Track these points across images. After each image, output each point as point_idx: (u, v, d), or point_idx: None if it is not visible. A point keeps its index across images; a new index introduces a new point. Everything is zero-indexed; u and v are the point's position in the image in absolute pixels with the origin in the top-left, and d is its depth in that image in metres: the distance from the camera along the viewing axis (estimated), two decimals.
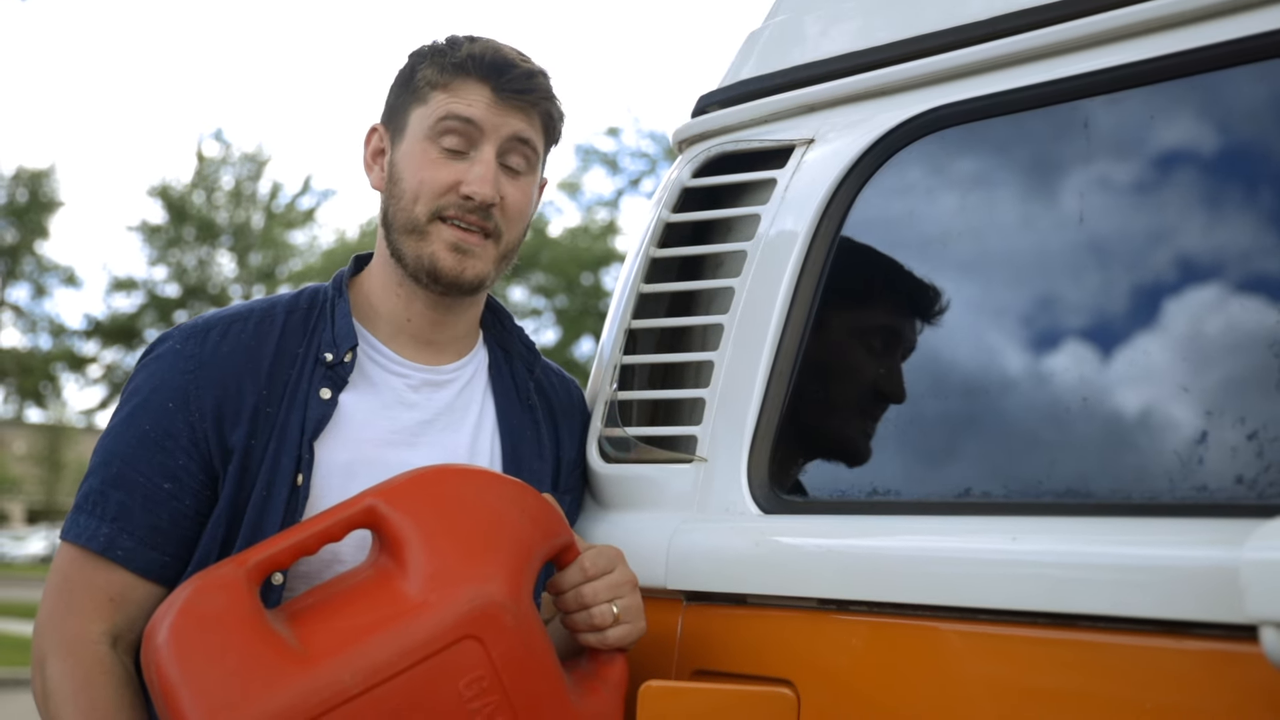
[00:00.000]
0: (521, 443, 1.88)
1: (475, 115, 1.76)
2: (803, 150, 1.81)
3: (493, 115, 1.76)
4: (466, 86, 1.77)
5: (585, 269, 25.37)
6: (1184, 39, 1.46)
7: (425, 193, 1.76)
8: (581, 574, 1.66)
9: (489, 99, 1.76)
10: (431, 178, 1.76)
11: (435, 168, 1.76)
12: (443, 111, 1.76)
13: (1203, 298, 1.40)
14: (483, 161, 1.76)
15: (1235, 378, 1.37)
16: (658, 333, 1.94)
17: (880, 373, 1.74)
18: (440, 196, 1.76)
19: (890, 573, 1.52)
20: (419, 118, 1.78)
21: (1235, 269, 1.40)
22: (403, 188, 1.78)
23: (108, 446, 1.73)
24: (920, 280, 1.70)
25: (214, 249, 29.98)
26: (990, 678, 1.42)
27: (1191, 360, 1.40)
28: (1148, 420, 1.42)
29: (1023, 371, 1.55)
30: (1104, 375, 1.46)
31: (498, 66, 1.77)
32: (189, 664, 1.48)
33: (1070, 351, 1.50)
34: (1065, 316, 1.52)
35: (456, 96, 1.76)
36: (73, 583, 1.70)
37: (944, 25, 1.70)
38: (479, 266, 1.78)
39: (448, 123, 1.76)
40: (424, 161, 1.77)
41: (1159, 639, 1.27)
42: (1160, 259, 1.46)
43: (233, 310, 1.81)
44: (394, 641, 1.51)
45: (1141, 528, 1.34)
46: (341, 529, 1.60)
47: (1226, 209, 1.42)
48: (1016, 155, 1.63)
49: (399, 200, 1.78)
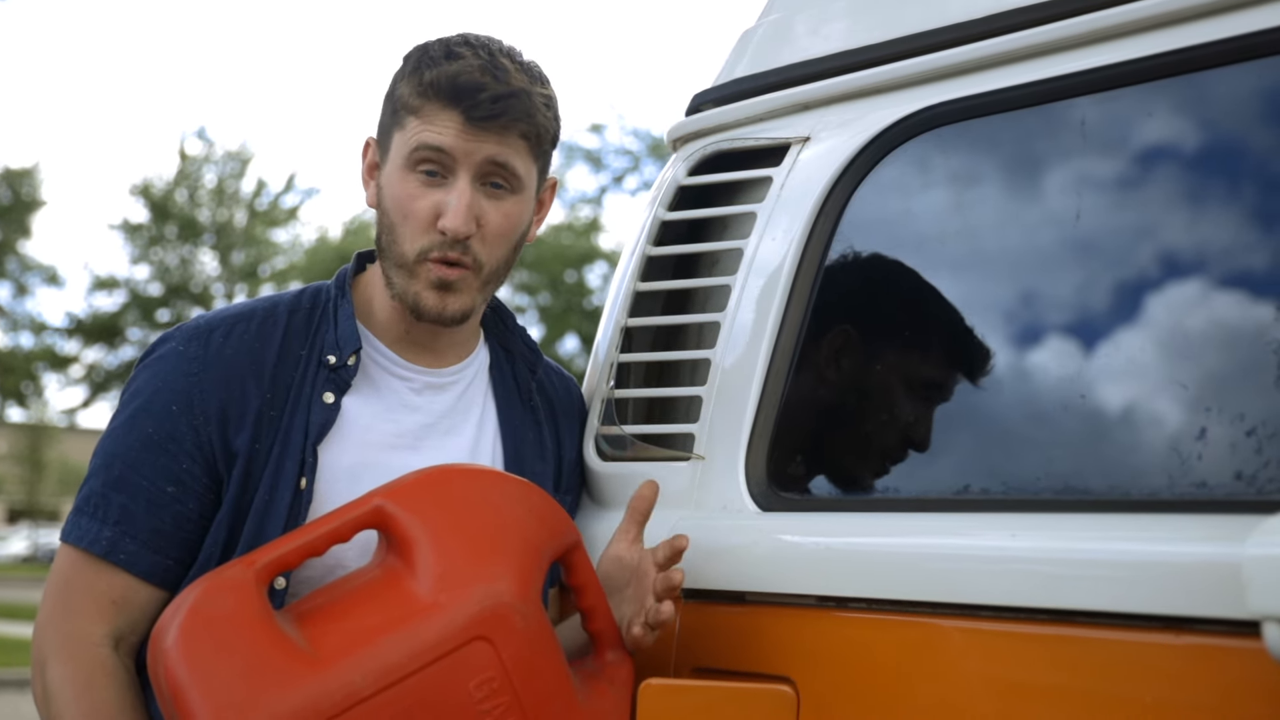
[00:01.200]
0: (523, 444, 1.88)
1: (446, 144, 1.70)
2: (798, 148, 1.82)
3: (464, 141, 1.69)
4: (436, 112, 1.70)
5: (569, 266, 25.36)
6: (1178, 37, 1.46)
7: (408, 231, 1.72)
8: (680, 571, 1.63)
9: (459, 125, 1.69)
10: (413, 211, 1.72)
11: (414, 199, 1.72)
12: (415, 141, 1.71)
13: (1201, 293, 1.41)
14: (457, 191, 1.70)
15: (1234, 373, 1.37)
16: (654, 330, 1.94)
17: (877, 370, 1.74)
18: (423, 235, 1.72)
19: (889, 569, 1.52)
20: (398, 143, 1.74)
21: (1233, 265, 1.40)
22: (391, 220, 1.74)
23: (109, 449, 1.72)
24: (916, 277, 1.70)
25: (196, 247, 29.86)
26: (990, 674, 1.42)
27: (1190, 356, 1.40)
28: (1147, 416, 1.43)
29: (1020, 368, 1.55)
30: (1101, 371, 1.46)
31: (465, 90, 1.69)
32: (198, 665, 1.48)
33: (1067, 348, 1.51)
34: (1061, 313, 1.53)
35: (427, 124, 1.70)
36: (73, 585, 1.69)
37: (939, 23, 1.70)
38: (461, 302, 1.75)
39: (421, 152, 1.71)
40: (404, 192, 1.72)
41: (1158, 634, 1.28)
42: (1156, 255, 1.47)
43: (234, 310, 1.79)
44: (404, 643, 1.51)
45: (1141, 524, 1.35)
46: (350, 529, 1.60)
47: (1222, 205, 1.43)
48: (1012, 153, 1.64)
49: (389, 232, 1.75)
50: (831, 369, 1.77)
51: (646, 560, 1.68)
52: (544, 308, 25.45)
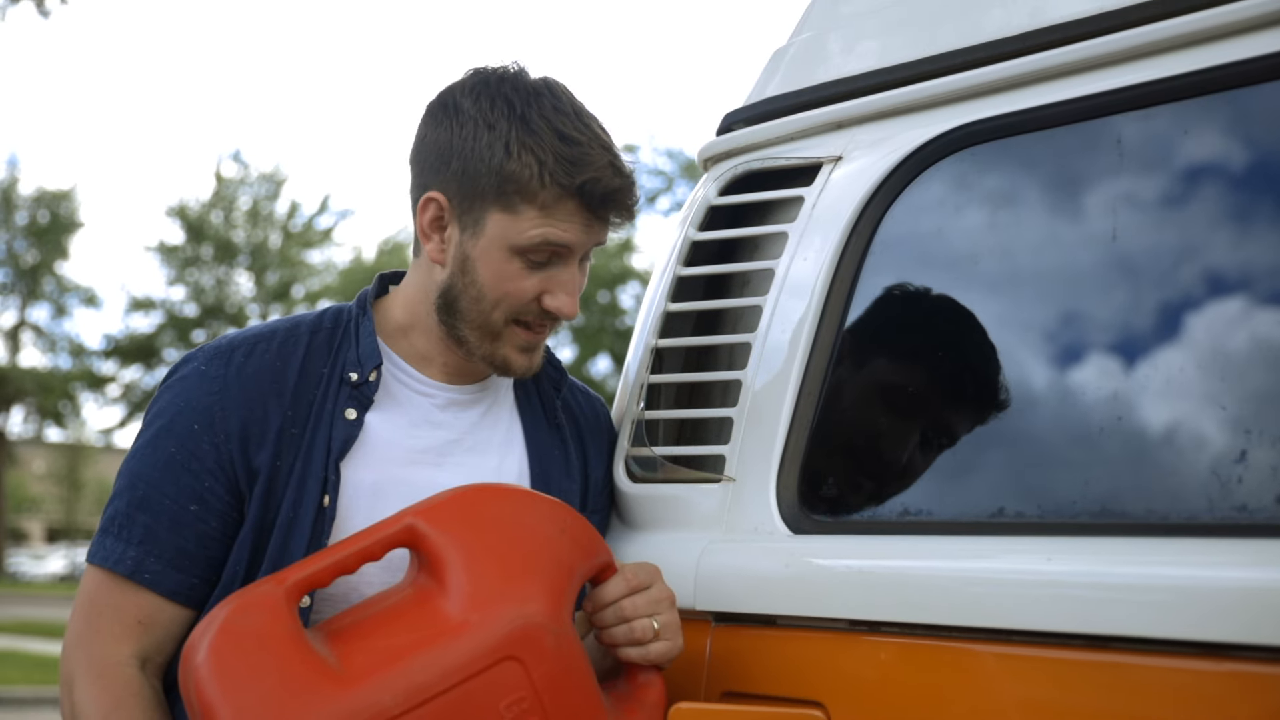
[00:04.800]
0: (550, 462, 1.87)
1: (571, 241, 1.70)
2: (830, 168, 1.80)
3: (588, 236, 1.71)
4: (566, 211, 1.69)
5: (602, 287, 25.44)
6: (1214, 54, 1.45)
7: (506, 305, 1.73)
8: (626, 586, 1.64)
9: (584, 221, 1.70)
10: (516, 291, 1.71)
11: (519, 280, 1.71)
12: (539, 237, 1.68)
13: (1241, 313, 1.39)
14: (570, 280, 1.72)
15: (1276, 395, 1.35)
16: (684, 351, 1.93)
17: (910, 391, 1.72)
18: (522, 306, 1.73)
19: (922, 593, 1.50)
20: (502, 225, 1.69)
21: (1274, 284, 1.38)
22: (481, 290, 1.73)
23: (133, 469, 1.72)
24: (949, 297, 1.69)
25: (231, 268, 30.15)
26: (1025, 700, 1.40)
27: (1231, 377, 1.38)
28: (1186, 438, 1.41)
29: (1056, 388, 1.53)
30: (1139, 393, 1.44)
31: (600, 198, 1.68)
32: (228, 683, 1.47)
33: (1104, 369, 1.48)
34: (1098, 334, 1.51)
35: (552, 221, 1.68)
36: (100, 606, 1.69)
37: (972, 41, 1.69)
38: (541, 355, 1.82)
39: (546, 249, 1.70)
40: (507, 273, 1.71)
41: (1197, 661, 1.25)
42: (1194, 275, 1.45)
43: (256, 330, 1.80)
44: (435, 662, 1.50)
45: (1180, 548, 1.33)
46: (381, 548, 1.59)
47: (1262, 224, 1.41)
48: (1047, 172, 1.62)
49: (473, 299, 1.73)
50: (863, 390, 1.75)
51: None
52: (577, 328, 25.51)
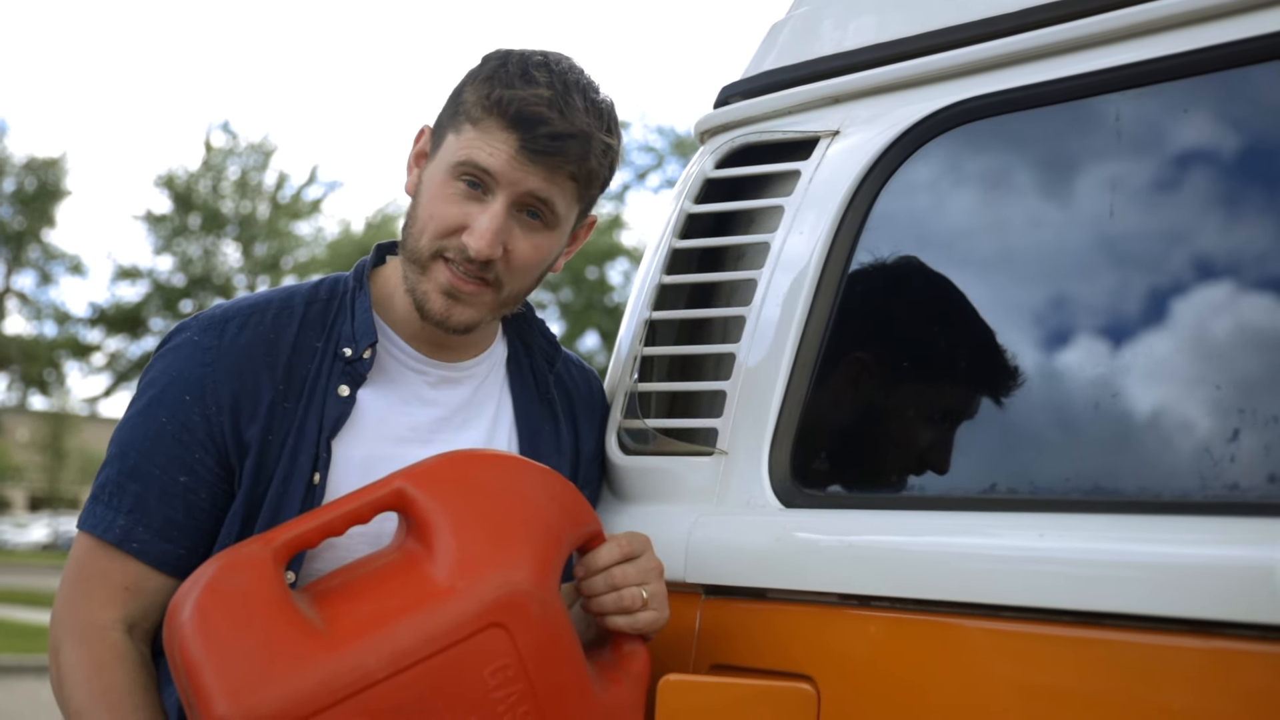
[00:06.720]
0: (539, 437, 1.86)
1: (493, 166, 1.67)
2: (827, 142, 1.80)
3: (512, 169, 1.66)
4: (494, 131, 1.67)
5: (591, 263, 25.37)
6: (1214, 33, 1.44)
7: (432, 229, 1.70)
8: (620, 552, 1.64)
9: (511, 151, 1.66)
10: (441, 214, 1.69)
11: (447, 204, 1.69)
12: (465, 155, 1.67)
13: (1234, 294, 1.39)
14: (490, 214, 1.67)
15: (1267, 375, 1.35)
16: (678, 324, 1.93)
17: (903, 367, 1.73)
18: (444, 237, 1.70)
19: (913, 568, 1.51)
20: (450, 146, 1.70)
21: (1268, 266, 1.38)
22: (417, 214, 1.73)
23: (124, 438, 1.72)
24: (944, 274, 1.68)
25: (219, 239, 30.00)
26: (1014, 676, 1.41)
27: (1223, 357, 1.38)
28: (1178, 417, 1.41)
29: (1048, 366, 1.53)
30: (1132, 371, 1.44)
31: (527, 120, 1.65)
32: (213, 641, 1.47)
33: (1096, 346, 1.49)
34: (1091, 312, 1.51)
35: (482, 140, 1.67)
36: (88, 572, 1.69)
37: (970, 18, 1.68)
38: (468, 314, 1.73)
39: (466, 167, 1.68)
40: (440, 194, 1.70)
41: (1186, 638, 1.26)
42: (1189, 255, 1.45)
43: (251, 300, 1.78)
44: (420, 627, 1.50)
45: (1172, 525, 1.33)
46: (370, 511, 1.59)
47: (1258, 205, 1.41)
48: (1043, 149, 1.62)
49: (412, 224, 1.74)
50: (857, 365, 1.75)
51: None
52: (565, 304, 25.49)
